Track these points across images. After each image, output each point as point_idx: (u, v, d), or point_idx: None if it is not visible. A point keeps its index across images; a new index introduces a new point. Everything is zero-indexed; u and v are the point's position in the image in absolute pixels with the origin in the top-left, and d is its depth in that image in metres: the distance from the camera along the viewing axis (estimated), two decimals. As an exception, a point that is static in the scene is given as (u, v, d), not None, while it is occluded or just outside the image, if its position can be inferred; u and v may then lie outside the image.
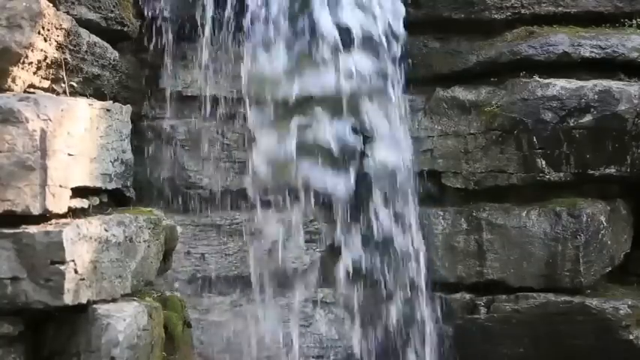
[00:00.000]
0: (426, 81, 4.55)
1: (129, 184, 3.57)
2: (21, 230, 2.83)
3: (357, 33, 4.26)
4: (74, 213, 3.05)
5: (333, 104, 4.29)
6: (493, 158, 4.40)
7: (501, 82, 4.45)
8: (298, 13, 4.24)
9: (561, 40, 4.40)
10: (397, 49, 4.37)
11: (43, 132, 2.87)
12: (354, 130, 4.36)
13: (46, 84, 3.24)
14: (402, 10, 4.39)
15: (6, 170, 2.83)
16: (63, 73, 3.29)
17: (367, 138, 4.40)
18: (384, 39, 4.32)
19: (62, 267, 2.82)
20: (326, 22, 4.22)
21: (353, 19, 4.28)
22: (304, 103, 4.27)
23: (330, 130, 4.27)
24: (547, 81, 4.33)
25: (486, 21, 4.53)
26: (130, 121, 3.58)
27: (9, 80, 3.05)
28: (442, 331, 4.41)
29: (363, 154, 4.39)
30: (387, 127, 4.40)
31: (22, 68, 3.08)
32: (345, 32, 4.24)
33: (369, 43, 4.32)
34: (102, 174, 3.28)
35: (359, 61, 4.29)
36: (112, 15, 3.76)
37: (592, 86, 4.27)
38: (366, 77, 4.31)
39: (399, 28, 4.37)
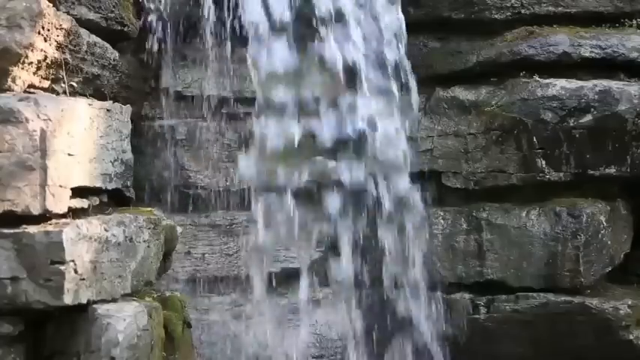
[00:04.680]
0: (426, 81, 4.54)
1: (129, 184, 3.57)
2: (21, 230, 2.83)
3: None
4: (74, 213, 3.05)
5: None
6: (493, 158, 4.40)
7: (501, 82, 4.45)
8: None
9: (561, 40, 4.40)
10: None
11: (43, 132, 2.87)
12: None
13: (46, 84, 3.24)
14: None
15: (6, 170, 2.83)
16: (63, 73, 3.29)
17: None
18: None
19: (62, 267, 2.81)
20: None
21: None
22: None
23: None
24: (547, 81, 4.33)
25: (486, 21, 4.54)
26: (130, 121, 3.58)
27: (9, 80, 3.05)
28: (442, 331, 4.42)
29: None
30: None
31: (22, 68, 3.08)
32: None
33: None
34: (102, 174, 3.28)
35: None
36: (112, 15, 3.75)
37: (592, 86, 4.27)
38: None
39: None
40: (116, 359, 2.92)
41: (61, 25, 3.24)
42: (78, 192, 3.09)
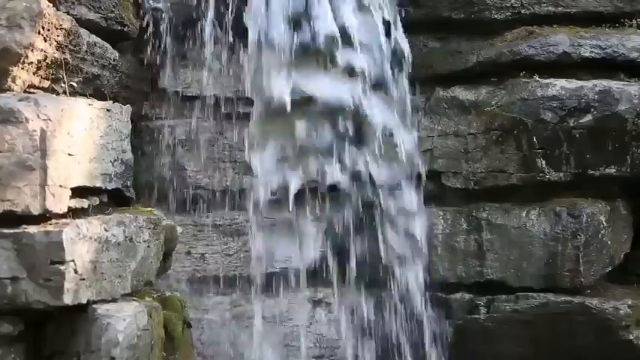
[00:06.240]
0: (426, 81, 4.55)
1: (129, 184, 3.57)
2: (21, 230, 2.83)
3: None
4: (74, 213, 3.05)
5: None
6: (493, 158, 4.40)
7: (501, 82, 4.45)
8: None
9: (561, 40, 4.40)
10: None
11: (43, 132, 2.87)
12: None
13: (46, 84, 3.24)
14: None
15: (6, 170, 2.83)
16: (63, 73, 3.29)
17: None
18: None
19: (62, 267, 2.82)
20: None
21: None
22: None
23: None
24: (547, 81, 4.33)
25: (486, 21, 4.54)
26: (130, 121, 3.59)
27: (9, 80, 3.05)
28: (442, 331, 4.42)
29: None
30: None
31: (22, 68, 3.09)
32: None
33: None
34: (102, 174, 3.28)
35: None
36: (112, 15, 3.76)
37: (592, 86, 4.27)
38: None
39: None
40: (116, 359, 2.93)
41: (61, 25, 3.24)
42: (78, 192, 3.09)
